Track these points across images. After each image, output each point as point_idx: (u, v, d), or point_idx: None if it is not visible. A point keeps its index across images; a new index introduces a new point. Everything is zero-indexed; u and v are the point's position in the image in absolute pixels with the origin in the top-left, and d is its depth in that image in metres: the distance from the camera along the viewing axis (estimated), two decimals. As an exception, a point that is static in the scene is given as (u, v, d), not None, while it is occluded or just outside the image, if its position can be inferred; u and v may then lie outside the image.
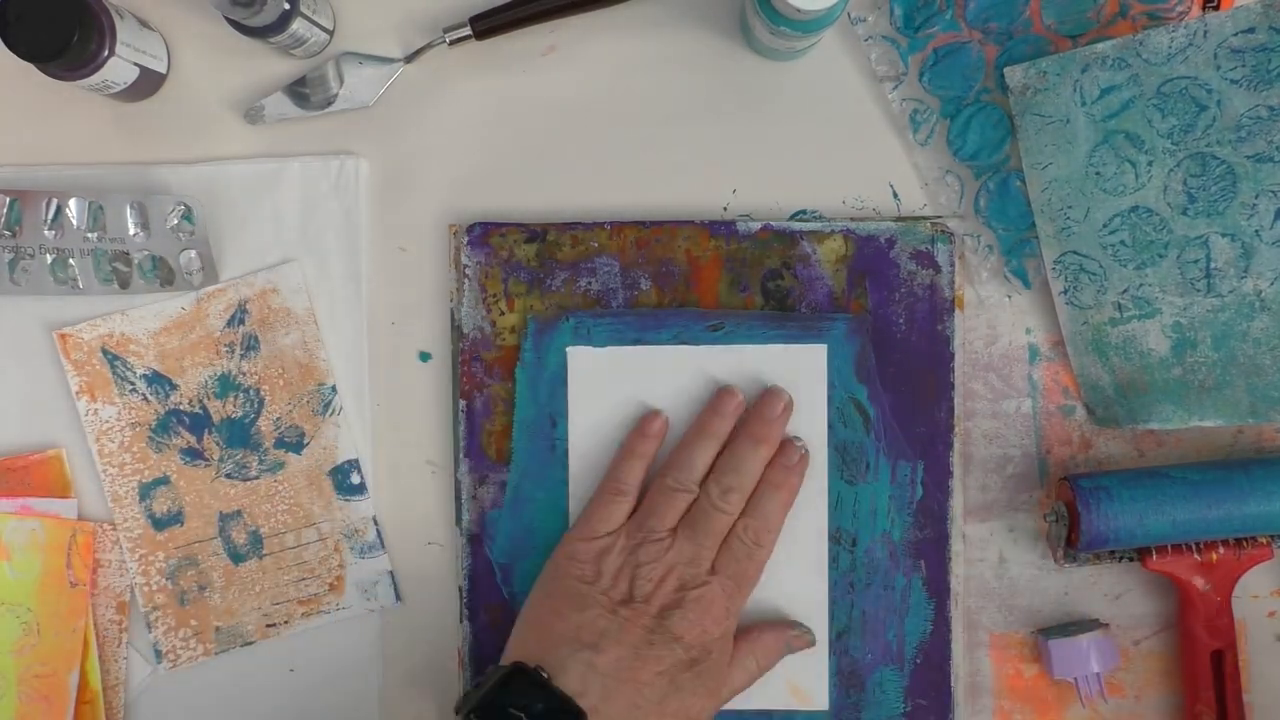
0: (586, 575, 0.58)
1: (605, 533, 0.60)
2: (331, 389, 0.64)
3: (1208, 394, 0.62)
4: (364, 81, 0.64)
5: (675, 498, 0.59)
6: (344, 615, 0.64)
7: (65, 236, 0.63)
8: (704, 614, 0.57)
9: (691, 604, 0.57)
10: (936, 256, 0.63)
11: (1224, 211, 0.61)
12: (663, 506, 0.59)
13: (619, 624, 0.57)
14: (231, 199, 0.64)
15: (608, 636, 0.56)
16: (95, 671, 0.63)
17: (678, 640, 0.57)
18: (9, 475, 0.64)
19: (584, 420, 0.63)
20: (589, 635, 0.56)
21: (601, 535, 0.59)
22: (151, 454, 0.64)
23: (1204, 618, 0.61)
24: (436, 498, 0.64)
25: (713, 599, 0.58)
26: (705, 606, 0.57)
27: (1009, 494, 0.64)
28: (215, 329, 0.64)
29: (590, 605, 0.57)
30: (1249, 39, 0.60)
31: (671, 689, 0.56)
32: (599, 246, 0.63)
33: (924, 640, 0.63)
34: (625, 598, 0.57)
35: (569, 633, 0.56)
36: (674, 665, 0.56)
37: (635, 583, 0.58)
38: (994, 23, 0.63)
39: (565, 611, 0.57)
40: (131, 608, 0.64)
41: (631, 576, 0.58)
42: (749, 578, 0.60)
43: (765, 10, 0.57)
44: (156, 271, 0.63)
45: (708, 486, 0.60)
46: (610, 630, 0.56)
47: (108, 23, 0.58)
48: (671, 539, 0.59)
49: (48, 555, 0.63)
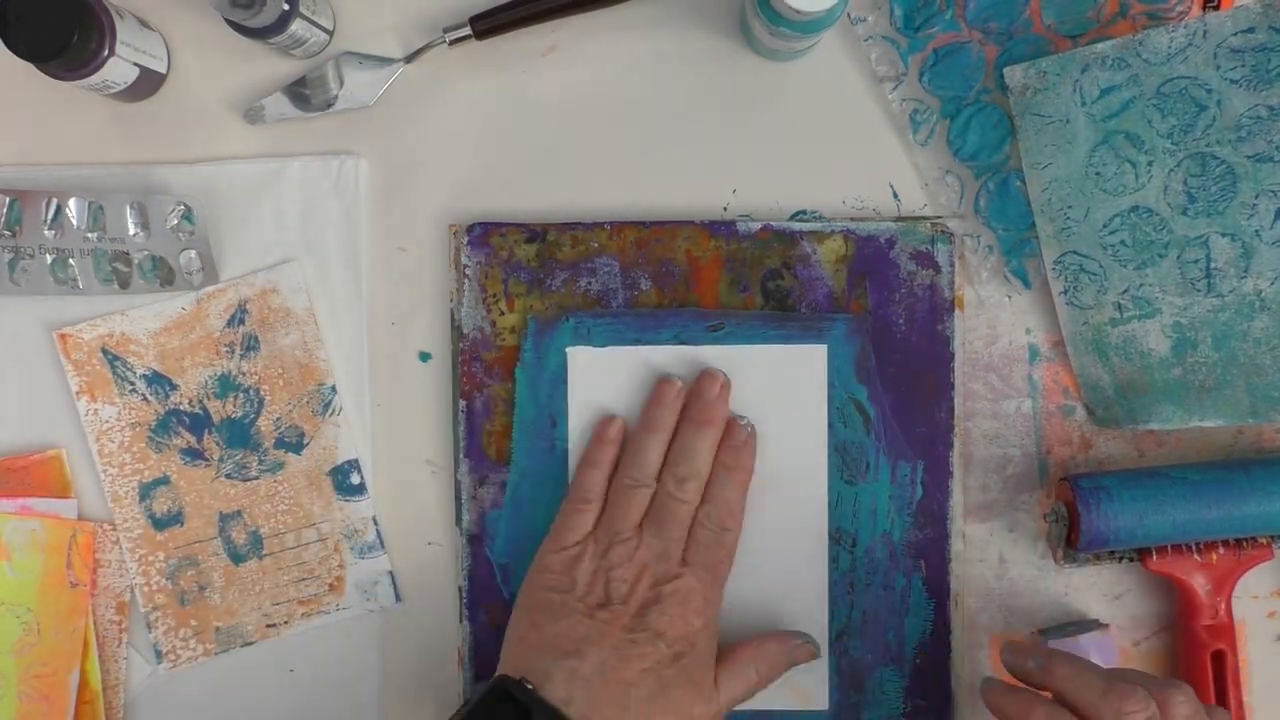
0: (561, 585, 0.58)
1: (574, 542, 0.60)
2: (331, 389, 0.64)
3: (1208, 394, 0.62)
4: (364, 81, 0.64)
5: (634, 495, 0.60)
6: (344, 615, 0.64)
7: (65, 236, 0.63)
8: (683, 606, 0.57)
9: (669, 598, 0.57)
10: (936, 256, 0.63)
11: (1224, 211, 0.61)
12: (624, 506, 0.59)
13: (598, 628, 0.57)
14: (231, 199, 0.64)
15: (588, 642, 0.56)
16: (95, 671, 0.63)
17: (660, 636, 0.57)
18: (9, 475, 0.64)
19: (584, 420, 0.63)
20: (570, 643, 0.56)
21: (571, 545, 0.60)
22: (151, 454, 0.64)
23: (1204, 618, 0.61)
24: (436, 498, 0.64)
25: (689, 590, 0.58)
26: (683, 599, 0.58)
27: (1009, 494, 0.64)
28: (215, 329, 0.64)
29: (568, 614, 0.57)
30: (1249, 39, 0.60)
31: (659, 686, 0.56)
32: (599, 246, 0.63)
33: (924, 640, 0.63)
34: (602, 601, 0.58)
35: (550, 643, 0.57)
36: (658, 662, 0.56)
37: (610, 585, 0.58)
38: (994, 23, 0.63)
39: (544, 623, 0.57)
40: (131, 608, 0.64)
41: (606, 580, 0.58)
42: (721, 564, 0.60)
43: (765, 11, 0.57)
44: (156, 271, 0.63)
45: (664, 479, 0.60)
46: (590, 635, 0.56)
47: (108, 23, 0.58)
48: (638, 537, 0.59)
49: (48, 555, 0.63)
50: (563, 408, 0.63)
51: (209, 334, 0.64)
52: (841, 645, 0.63)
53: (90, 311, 0.64)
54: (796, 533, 0.62)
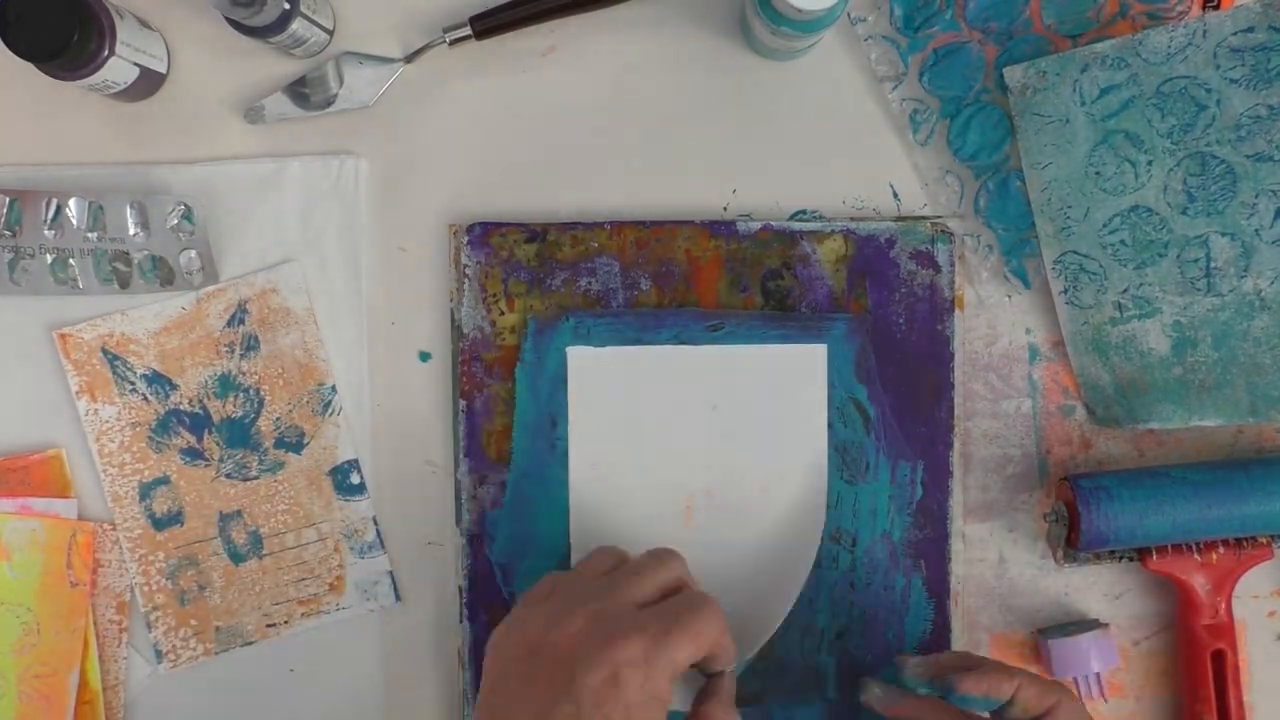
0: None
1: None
2: (331, 389, 0.64)
3: (1208, 393, 0.62)
4: (364, 81, 0.64)
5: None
6: (344, 615, 0.64)
7: (65, 236, 0.63)
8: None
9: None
10: (936, 256, 0.63)
11: (1224, 211, 0.61)
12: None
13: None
14: (231, 199, 0.64)
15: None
16: (95, 671, 0.63)
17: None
18: (9, 475, 0.64)
19: (584, 420, 0.63)
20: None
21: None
22: (151, 454, 0.64)
23: (1204, 618, 0.61)
24: (436, 498, 0.64)
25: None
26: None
27: (1009, 494, 0.64)
28: (215, 329, 0.64)
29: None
30: (1248, 38, 0.60)
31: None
32: (599, 246, 0.63)
33: (924, 640, 0.63)
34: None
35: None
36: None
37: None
38: (994, 23, 0.63)
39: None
40: (131, 608, 0.64)
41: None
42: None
43: (765, 10, 0.57)
44: (156, 271, 0.63)
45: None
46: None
47: (108, 23, 0.58)
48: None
49: (48, 555, 0.63)
50: (563, 407, 0.63)
51: (209, 334, 0.64)
52: (841, 645, 0.63)
53: (90, 311, 0.64)
54: (796, 533, 0.62)
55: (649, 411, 0.63)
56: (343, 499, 0.64)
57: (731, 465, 0.63)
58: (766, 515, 0.62)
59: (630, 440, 0.63)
